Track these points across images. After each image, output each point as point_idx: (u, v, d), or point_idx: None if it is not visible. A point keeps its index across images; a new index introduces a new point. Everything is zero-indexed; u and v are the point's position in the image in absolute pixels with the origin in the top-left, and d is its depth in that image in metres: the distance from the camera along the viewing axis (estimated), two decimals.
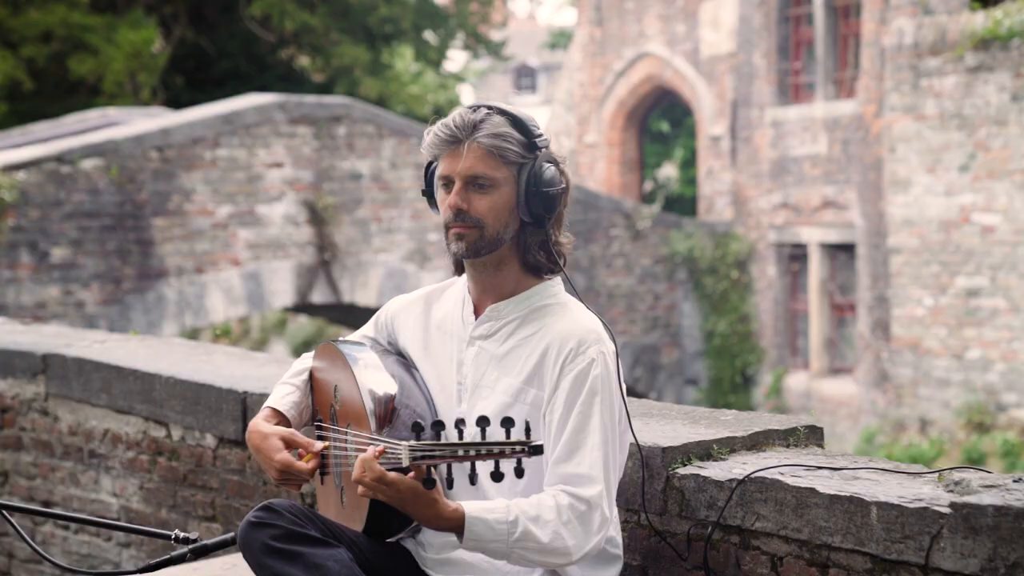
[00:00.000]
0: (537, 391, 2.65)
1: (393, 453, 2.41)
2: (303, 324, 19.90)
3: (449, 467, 2.38)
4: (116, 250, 12.23)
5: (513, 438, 2.32)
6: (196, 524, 4.22)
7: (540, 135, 2.67)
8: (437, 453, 2.33)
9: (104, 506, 4.66)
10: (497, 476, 2.35)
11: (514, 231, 2.67)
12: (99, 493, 4.69)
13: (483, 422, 2.32)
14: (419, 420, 2.42)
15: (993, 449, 13.38)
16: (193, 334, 14.19)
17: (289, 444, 2.78)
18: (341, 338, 2.99)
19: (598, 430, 2.58)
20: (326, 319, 17.31)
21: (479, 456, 2.31)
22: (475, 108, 2.69)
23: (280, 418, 2.87)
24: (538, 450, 2.31)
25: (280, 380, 2.98)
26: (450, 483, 2.40)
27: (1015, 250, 13.85)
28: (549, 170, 2.65)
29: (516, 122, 2.66)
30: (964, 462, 12.76)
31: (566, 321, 2.67)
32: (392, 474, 2.40)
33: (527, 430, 2.34)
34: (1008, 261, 13.93)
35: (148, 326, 12.13)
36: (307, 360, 2.99)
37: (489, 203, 2.64)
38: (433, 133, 2.69)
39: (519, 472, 2.35)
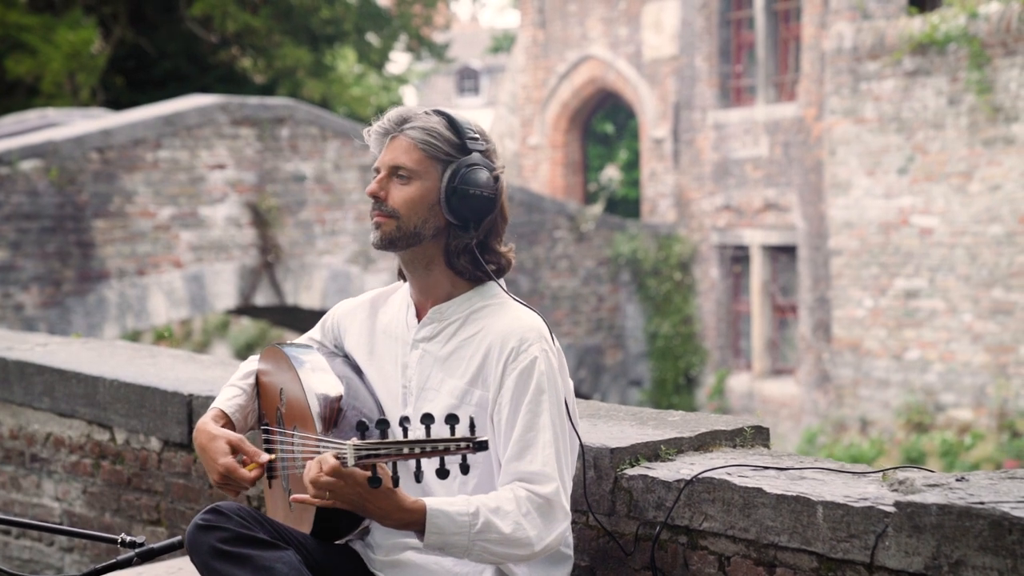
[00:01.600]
0: (482, 392, 2.65)
1: (339, 454, 2.41)
2: (246, 326, 19.77)
3: (395, 465, 2.38)
4: (56, 252, 12.10)
5: (458, 435, 2.33)
6: (140, 528, 4.19)
7: (474, 138, 2.67)
8: (383, 451, 2.33)
9: (46, 510, 4.61)
10: (443, 473, 2.35)
11: (436, 228, 2.67)
12: (41, 497, 4.64)
13: (427, 419, 2.33)
14: (364, 419, 2.42)
15: (932, 449, 13.55)
16: (134, 337, 14.07)
17: (236, 450, 2.77)
18: (288, 341, 2.99)
19: (548, 427, 2.59)
20: (269, 321, 17.22)
21: (424, 453, 2.31)
22: (417, 109, 2.72)
23: (227, 419, 2.86)
24: (483, 446, 2.31)
25: (227, 382, 2.97)
26: (395, 481, 2.40)
27: (952, 252, 14.03)
28: (476, 172, 2.65)
29: (451, 122, 2.68)
30: (903, 462, 12.91)
31: (507, 320, 2.67)
32: (350, 468, 2.39)
33: (471, 426, 2.34)
34: (946, 263, 14.10)
35: (89, 329, 12.01)
36: (253, 363, 2.99)
37: (406, 194, 2.65)
38: (374, 126, 2.73)
39: (464, 468, 2.36)
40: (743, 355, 17.34)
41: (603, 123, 21.98)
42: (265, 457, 2.77)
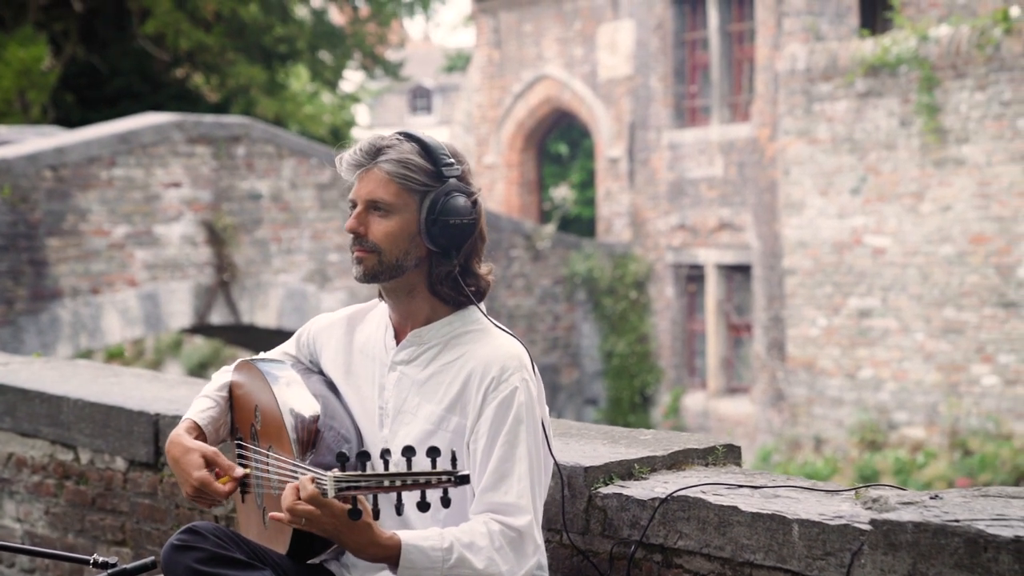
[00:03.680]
0: (459, 419, 2.63)
1: (318, 482, 2.39)
2: (199, 345, 19.64)
3: (375, 498, 2.36)
4: (8, 271, 11.98)
5: (439, 468, 2.30)
6: (105, 548, 4.15)
7: (450, 164, 2.64)
8: (363, 484, 2.31)
9: (7, 531, 4.56)
10: (424, 506, 2.33)
11: (418, 258, 2.65)
12: (2, 518, 4.59)
13: (408, 452, 2.31)
14: (343, 450, 2.41)
15: (885, 467, 13.65)
16: (87, 356, 13.94)
17: (210, 463, 2.75)
18: (262, 356, 2.96)
19: (525, 459, 2.59)
20: (224, 340, 17.12)
21: (405, 486, 2.29)
22: (389, 136, 2.68)
23: (199, 431, 2.84)
24: (464, 480, 2.29)
25: (201, 392, 2.95)
26: (376, 514, 2.39)
27: (905, 271, 14.17)
28: (454, 200, 2.62)
29: (425, 150, 2.64)
30: (857, 480, 13.01)
31: (489, 348, 2.66)
32: (329, 499, 2.37)
33: (453, 460, 2.33)
34: (898, 282, 14.24)
35: (42, 348, 11.88)
36: (228, 375, 2.96)
37: (386, 228, 2.62)
38: (346, 156, 2.68)
39: (446, 502, 2.34)
40: (698, 374, 17.41)
41: (556, 143, 22.05)
42: (240, 472, 2.75)
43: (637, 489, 2.91)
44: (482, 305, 2.75)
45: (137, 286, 12.81)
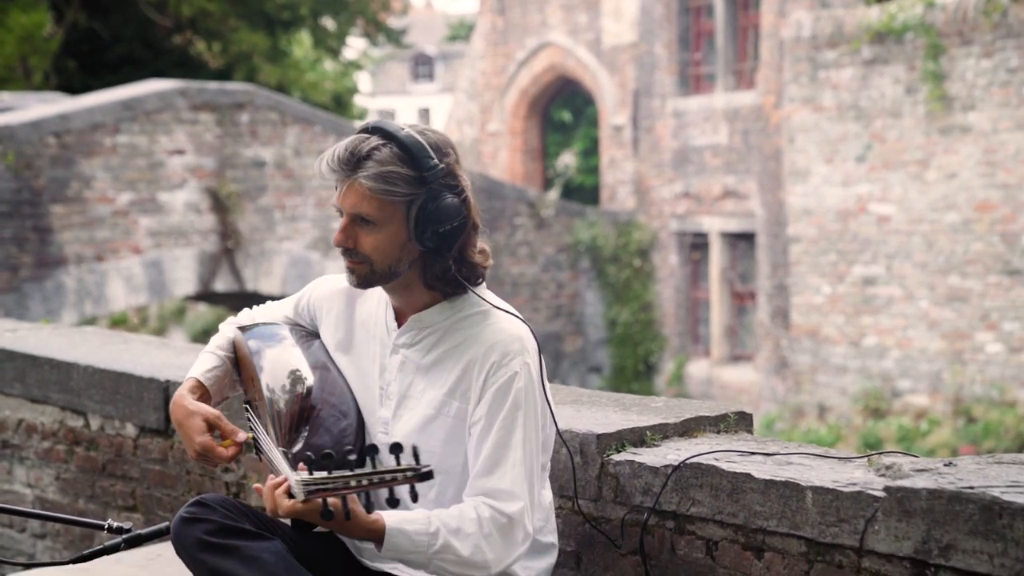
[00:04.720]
0: (460, 404, 2.62)
1: (291, 486, 2.40)
2: (202, 312, 19.65)
3: (344, 499, 2.36)
4: (12, 237, 11.97)
5: (403, 464, 2.31)
6: (116, 514, 4.17)
7: (433, 165, 2.55)
8: (329, 486, 2.32)
9: (18, 497, 4.57)
10: (393, 502, 2.35)
11: (411, 260, 2.61)
12: (12, 484, 4.60)
13: (372, 451, 2.31)
14: (309, 454, 2.42)
15: (889, 434, 13.68)
16: (92, 323, 13.95)
17: (213, 427, 2.75)
18: (256, 318, 2.92)
19: (520, 445, 2.57)
20: (228, 307, 17.12)
21: (372, 485, 2.29)
22: (367, 134, 2.58)
23: (204, 390, 2.83)
24: (428, 476, 2.30)
25: (208, 347, 2.93)
26: (347, 515, 2.39)
27: (910, 239, 14.15)
28: (441, 204, 2.55)
29: (407, 152, 2.55)
30: (861, 447, 13.03)
31: (490, 331, 2.63)
32: (302, 505, 2.37)
33: (415, 456, 2.32)
34: (903, 250, 14.23)
35: (47, 315, 11.89)
36: (233, 330, 2.92)
37: (375, 241, 2.58)
38: (324, 162, 2.59)
39: (414, 497, 2.34)
40: (702, 342, 17.42)
41: (560, 110, 21.99)
42: (242, 436, 2.75)
43: (649, 456, 2.91)
44: (481, 289, 2.70)
45: (141, 253, 12.80)
